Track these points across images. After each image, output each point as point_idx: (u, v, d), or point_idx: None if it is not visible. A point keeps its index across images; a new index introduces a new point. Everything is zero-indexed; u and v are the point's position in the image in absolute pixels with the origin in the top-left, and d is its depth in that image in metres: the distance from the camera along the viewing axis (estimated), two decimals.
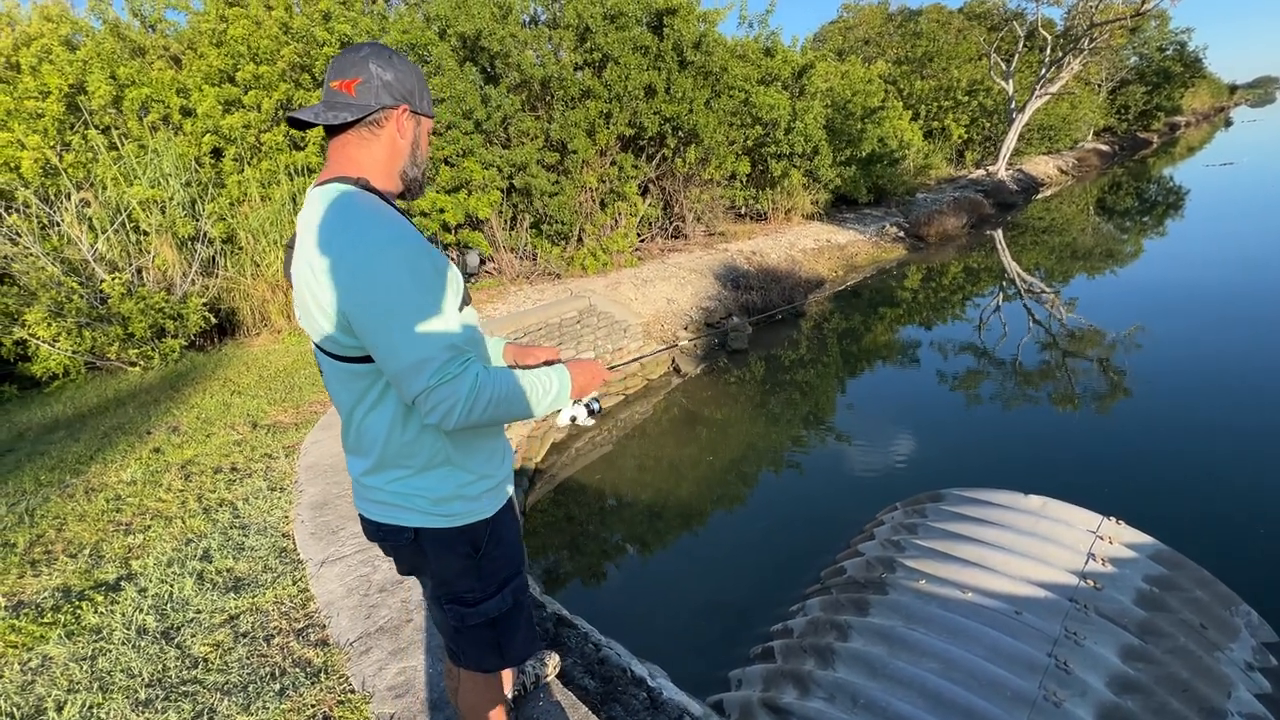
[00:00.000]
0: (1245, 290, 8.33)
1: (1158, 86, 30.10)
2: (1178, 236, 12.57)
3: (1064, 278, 10.33)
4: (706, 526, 4.33)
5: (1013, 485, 3.17)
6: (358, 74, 1.05)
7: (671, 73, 9.01)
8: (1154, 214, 15.37)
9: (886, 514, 3.36)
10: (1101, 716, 1.93)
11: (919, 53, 18.19)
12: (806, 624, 2.62)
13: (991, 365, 6.74)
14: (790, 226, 11.95)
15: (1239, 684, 2.13)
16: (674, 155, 9.50)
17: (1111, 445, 4.71)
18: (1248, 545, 3.25)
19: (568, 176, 8.52)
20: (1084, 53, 17.41)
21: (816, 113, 11.47)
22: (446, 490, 1.11)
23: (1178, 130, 42.16)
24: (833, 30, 21.22)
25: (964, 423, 5.55)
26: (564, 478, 5.04)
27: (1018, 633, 2.22)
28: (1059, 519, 2.75)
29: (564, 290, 7.46)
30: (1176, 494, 3.87)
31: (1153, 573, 2.46)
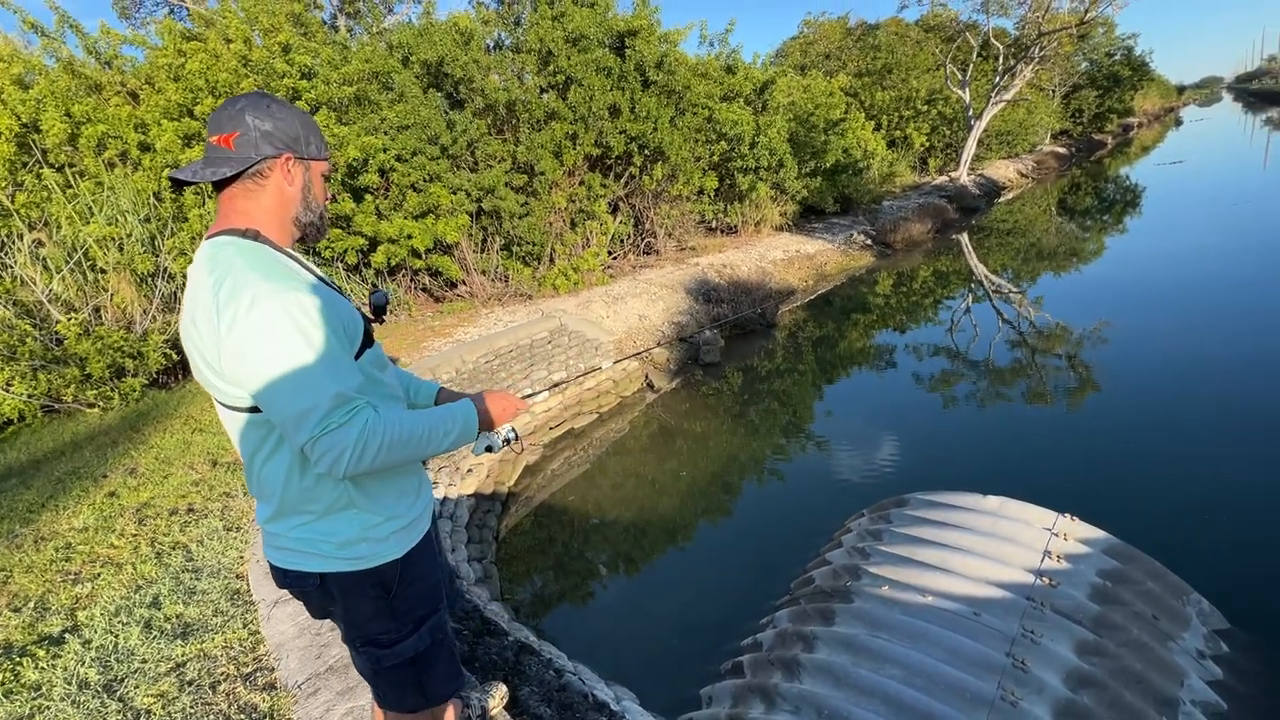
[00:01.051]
0: (1198, 284, 8.60)
1: (1109, 90, 31.18)
2: (1135, 233, 12.96)
3: (1030, 277, 10.58)
4: (683, 542, 4.32)
5: (976, 486, 3.22)
6: (234, 127, 1.05)
7: (635, 93, 9.13)
8: (1112, 212, 15.85)
9: (854, 521, 3.38)
10: (1058, 714, 1.96)
11: (878, 65, 18.67)
12: (775, 636, 2.62)
13: (963, 366, 6.85)
14: (760, 238, 12.11)
15: (1191, 673, 2.17)
16: (641, 173, 9.60)
17: (1070, 441, 4.81)
18: (1198, 534, 3.33)
19: (536, 198, 8.56)
20: (1035, 60, 18.01)
21: (780, 127, 11.69)
22: (351, 533, 1.11)
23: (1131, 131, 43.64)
24: (793, 46, 21.71)
25: (934, 424, 5.63)
26: (541, 499, 5.01)
27: (977, 634, 2.24)
28: (1016, 518, 2.79)
29: (535, 311, 7.47)
30: (1130, 487, 3.96)
31: (1106, 567, 2.50)
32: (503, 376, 5.85)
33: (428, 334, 6.82)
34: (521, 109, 8.45)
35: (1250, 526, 3.41)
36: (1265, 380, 5.28)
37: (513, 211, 8.18)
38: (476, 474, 4.60)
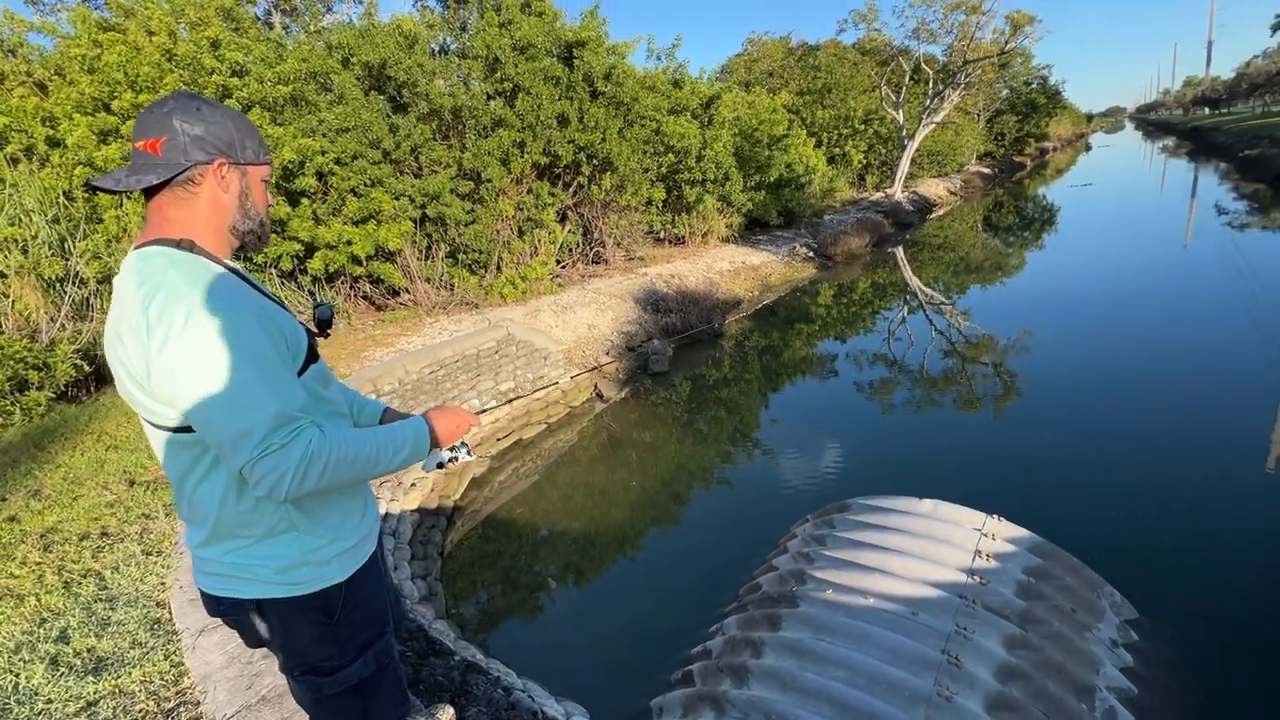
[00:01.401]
0: (1107, 297, 9.30)
1: (1027, 116, 33.46)
2: (1052, 250, 13.90)
3: (959, 290, 11.17)
4: (633, 552, 4.32)
5: (913, 489, 3.36)
6: (161, 132, 1.00)
7: (584, 103, 9.16)
8: (1032, 230, 16.95)
9: (799, 527, 3.47)
10: (989, 706, 2.06)
11: (819, 84, 19.40)
12: (724, 643, 2.65)
13: (900, 374, 7.15)
14: (707, 249, 12.32)
15: (1106, 661, 2.33)
16: (590, 182, 9.62)
17: (996, 445, 5.10)
18: (1110, 531, 3.58)
19: (483, 205, 8.44)
20: (962, 86, 19.14)
21: (725, 141, 11.96)
22: (292, 557, 1.06)
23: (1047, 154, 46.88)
24: (738, 63, 22.30)
25: (875, 430, 5.85)
26: (488, 512, 4.90)
27: (914, 633, 2.34)
28: (949, 520, 2.93)
29: (482, 320, 7.34)
30: (1050, 487, 4.22)
31: (1030, 564, 2.66)
32: (448, 387, 5.72)
33: (369, 343, 6.59)
34: (468, 115, 8.33)
35: (1154, 522, 3.70)
36: (1166, 386, 5.75)
37: (459, 219, 8.04)
38: (420, 488, 4.47)
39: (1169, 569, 3.22)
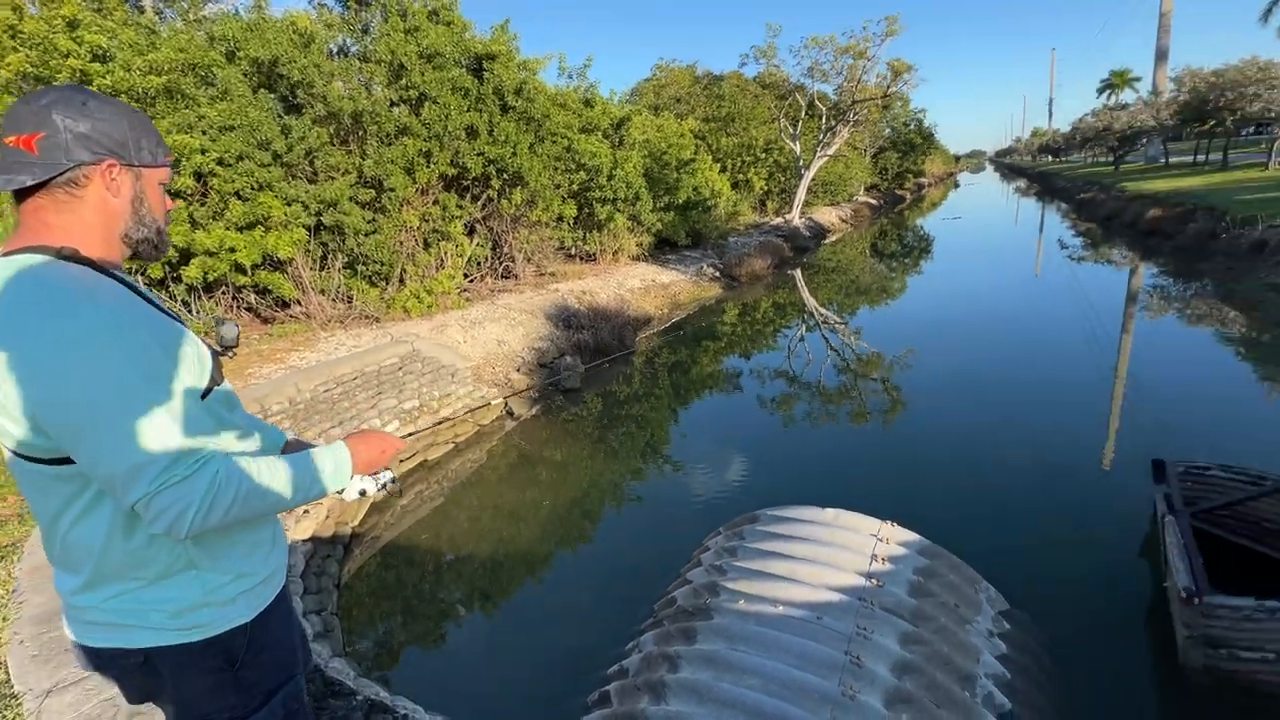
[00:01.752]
0: (973, 318, 10.35)
1: (906, 153, 36.90)
2: (929, 274, 15.29)
3: (851, 310, 11.99)
4: (545, 573, 4.23)
5: (816, 499, 3.54)
6: (39, 127, 0.88)
7: (494, 116, 9.05)
8: (912, 256, 18.59)
9: (711, 539, 3.55)
10: (887, 700, 2.20)
11: (723, 113, 20.32)
12: (641, 661, 2.66)
13: (800, 389, 7.54)
14: (618, 267, 12.47)
15: (984, 650, 2.56)
16: (500, 196, 9.47)
17: (888, 454, 5.50)
18: (983, 528, 3.97)
19: (386, 215, 8.08)
20: (850, 123, 20.76)
21: (636, 162, 12.22)
22: (192, 598, 0.95)
23: (923, 189, 51.75)
24: (647, 87, 22.93)
25: (779, 443, 6.12)
26: (389, 539, 4.63)
27: (820, 636, 2.46)
28: (849, 527, 3.13)
29: (384, 335, 6.98)
30: (934, 492, 4.62)
31: (919, 565, 2.89)
32: (345, 407, 5.38)
33: (254, 359, 6.07)
34: (370, 121, 7.97)
35: (1017, 519, 4.14)
36: (1023, 398, 6.46)
37: (358, 228, 7.64)
38: (315, 515, 4.15)
39: (1032, 563, 3.60)
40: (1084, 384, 6.82)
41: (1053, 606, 3.13)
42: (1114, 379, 6.89)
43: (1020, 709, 2.40)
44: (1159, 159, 31.99)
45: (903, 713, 2.17)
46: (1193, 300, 9.81)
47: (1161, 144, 30.89)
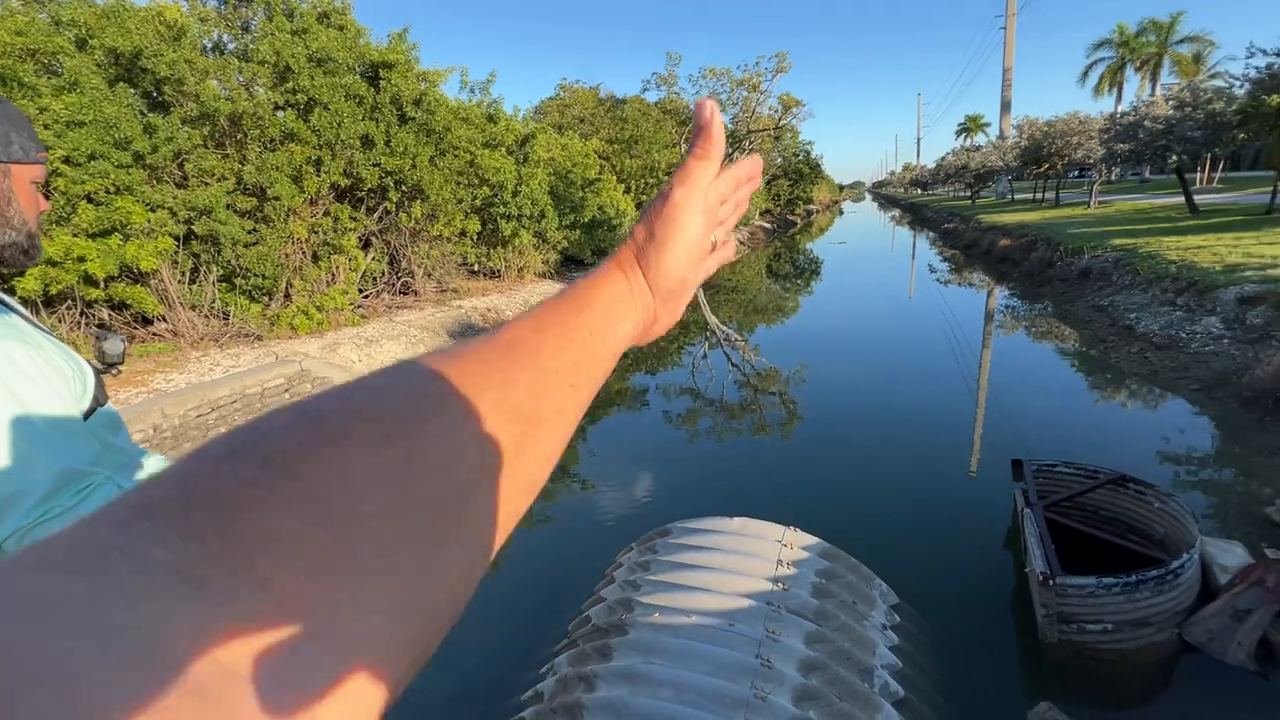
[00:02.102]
0: (857, 334, 11.20)
1: (797, 181, 39.56)
2: (819, 294, 16.37)
3: (750, 328, 12.57)
4: None
5: (724, 509, 3.67)
6: None
7: (391, 126, 8.71)
8: (803, 277, 19.83)
9: (624, 555, 3.56)
10: (796, 699, 2.31)
11: (626, 135, 20.79)
12: (556, 683, 2.61)
13: (704, 405, 7.77)
14: (524, 284, 12.32)
15: (880, 643, 2.76)
16: (398, 209, 9.10)
17: (788, 463, 5.80)
18: (874, 529, 4.28)
19: (269, 225, 7.51)
20: (746, 151, 21.97)
21: (541, 179, 12.20)
22: None
23: (812, 215, 55.55)
24: (551, 106, 23.02)
25: (687, 456, 6.26)
26: None
27: (731, 643, 2.53)
28: (755, 534, 3.26)
29: (267, 354, 6.45)
30: (832, 496, 4.93)
31: (820, 566, 3.06)
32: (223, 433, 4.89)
33: (109, 382, 5.39)
34: (251, 124, 7.41)
35: (902, 518, 4.50)
36: (902, 407, 7.06)
37: (237, 238, 7.04)
38: None
39: (920, 558, 3.92)
40: (953, 393, 7.56)
41: (934, 597, 3.42)
42: (977, 389, 7.69)
43: (910, 694, 2.59)
44: (1006, 195, 36.41)
45: (810, 709, 2.28)
46: (1036, 319, 11.19)
47: (1008, 182, 35.21)
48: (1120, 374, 7.45)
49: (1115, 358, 7.98)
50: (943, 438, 6.10)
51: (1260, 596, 2.74)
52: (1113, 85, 39.26)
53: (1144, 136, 15.48)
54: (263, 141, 7.59)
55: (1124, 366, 7.61)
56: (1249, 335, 6.84)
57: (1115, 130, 17.10)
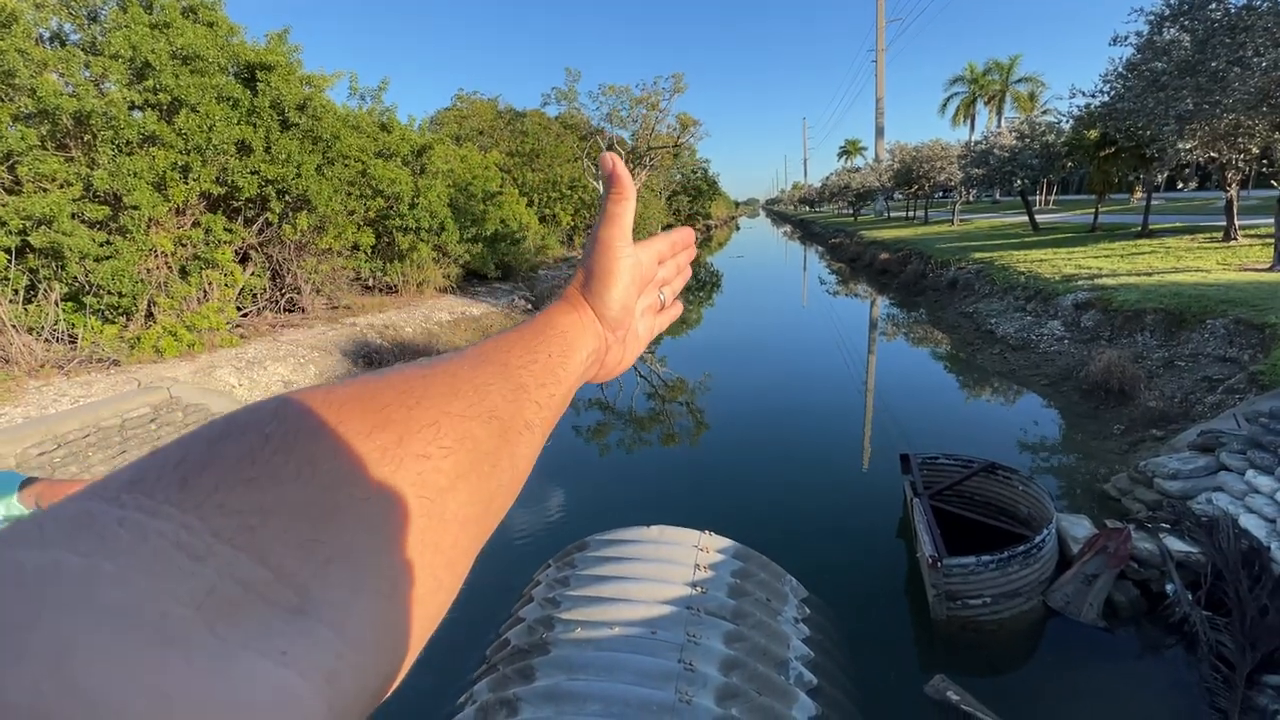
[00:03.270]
0: (756, 342, 11.74)
1: (695, 198, 41.01)
2: (720, 305, 17.00)
3: (657, 340, 12.79)
4: None
5: (640, 518, 3.70)
6: None
7: (271, 131, 8.12)
8: (705, 289, 20.52)
9: (541, 573, 3.50)
10: (719, 698, 2.36)
11: (527, 148, 20.65)
12: (476, 712, 2.50)
13: (614, 417, 7.81)
14: (424, 299, 11.83)
15: (793, 636, 2.89)
16: (281, 220, 8.46)
17: (698, 469, 5.95)
18: (782, 527, 4.49)
19: (126, 237, 6.73)
20: (647, 167, 22.49)
21: (440, 191, 11.82)
22: None
23: (711, 230, 57.66)
24: (448, 116, 22.42)
25: (600, 469, 6.25)
26: None
27: (655, 650, 2.56)
28: (672, 541, 3.32)
29: (128, 380, 5.75)
30: (740, 498, 5.11)
31: (735, 568, 3.17)
32: (74, 471, 4.30)
33: None
34: (101, 124, 6.64)
35: (806, 516, 4.75)
36: (801, 409, 7.48)
37: (86, 251, 6.26)
38: None
39: (826, 554, 4.15)
40: (844, 395, 8.11)
41: (839, 587, 3.64)
42: (865, 390, 8.30)
43: (823, 681, 2.74)
44: (884, 212, 39.78)
45: (732, 707, 2.35)
46: (914, 325, 12.26)
47: (884, 201, 38.45)
48: (985, 373, 8.32)
49: (980, 358, 8.90)
50: (838, 436, 6.52)
51: (1104, 562, 3.16)
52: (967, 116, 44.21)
53: (994, 163, 17.53)
54: (117, 144, 6.79)
55: (988, 366, 8.51)
56: (1083, 336, 7.89)
57: (970, 156, 19.23)
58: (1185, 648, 3.00)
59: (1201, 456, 4.05)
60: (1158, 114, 8.61)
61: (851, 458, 5.98)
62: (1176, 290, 7.57)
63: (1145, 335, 6.97)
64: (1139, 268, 9.83)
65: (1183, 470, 3.98)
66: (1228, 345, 5.98)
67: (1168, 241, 12.66)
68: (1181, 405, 5.49)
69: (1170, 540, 3.39)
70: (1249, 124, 8.21)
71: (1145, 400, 5.81)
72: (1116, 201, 27.56)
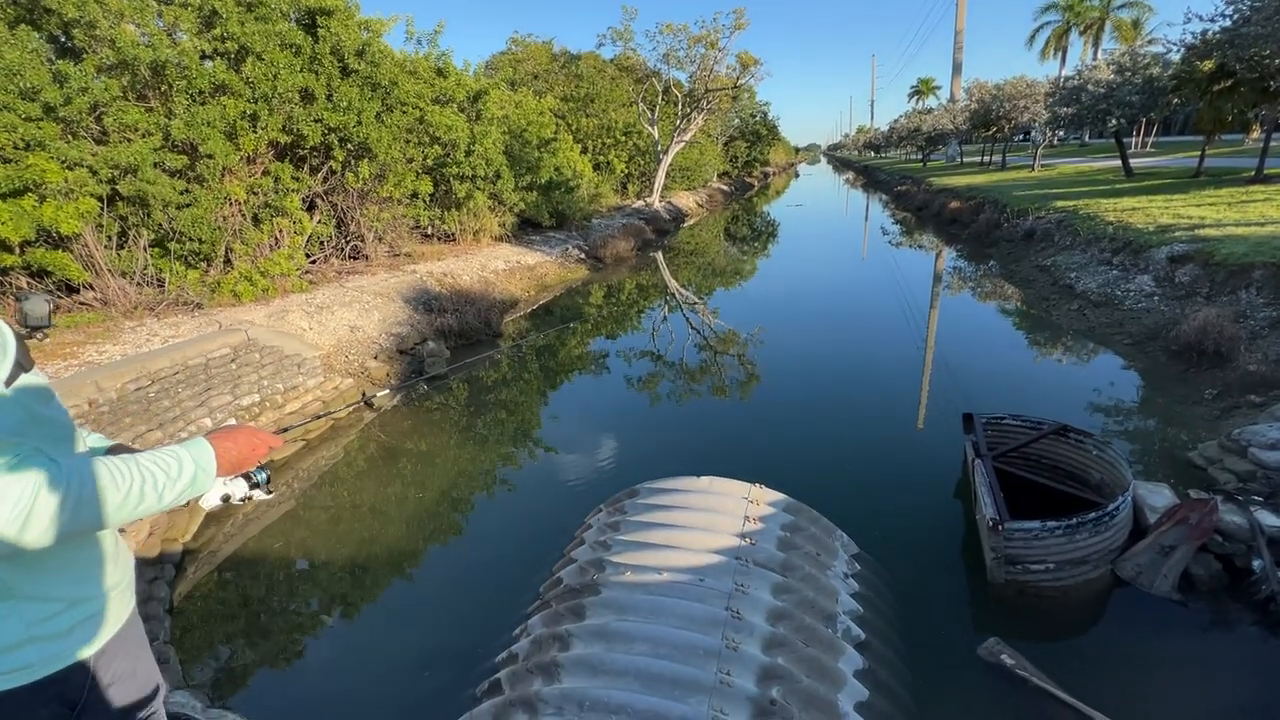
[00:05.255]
0: (813, 296, 11.39)
1: (754, 143, 39.34)
2: (776, 257, 16.51)
3: (709, 291, 12.61)
4: (420, 569, 4.02)
5: (690, 469, 3.72)
6: None
7: (333, 79, 8.21)
8: (760, 240, 19.92)
9: (593, 517, 3.59)
10: (765, 646, 2.40)
11: (582, 93, 20.17)
12: (530, 644, 2.64)
13: (666, 368, 7.82)
14: (480, 248, 11.98)
15: (842, 591, 2.88)
16: (344, 169, 8.65)
17: (749, 422, 5.91)
18: (834, 483, 4.43)
19: (203, 185, 7.04)
20: (704, 111, 21.63)
21: (495, 138, 11.76)
22: (11, 635, 0.77)
23: (769, 177, 55.55)
24: (503, 61, 22.07)
25: (651, 419, 6.31)
26: (231, 552, 4.12)
27: (703, 597, 2.61)
28: (722, 493, 3.33)
29: (209, 323, 6.12)
30: (794, 454, 5.06)
31: (785, 521, 3.16)
32: (166, 406, 4.66)
33: (35, 354, 5.02)
34: (175, 74, 6.86)
35: (860, 473, 4.67)
36: (856, 367, 7.27)
37: (168, 199, 6.59)
38: (134, 532, 3.57)
39: (877, 511, 4.09)
40: (904, 351, 7.82)
41: (892, 545, 3.59)
42: (925, 348, 7.96)
43: (871, 637, 2.73)
44: (956, 158, 37.17)
45: (778, 656, 2.38)
46: (984, 279, 11.59)
47: (958, 145, 35.89)
48: (1060, 330, 7.82)
49: (1056, 315, 8.36)
50: (896, 393, 6.32)
51: (1184, 534, 2.98)
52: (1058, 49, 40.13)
53: (1086, 100, 15.95)
54: (190, 94, 7.03)
55: (1064, 323, 7.99)
56: (1177, 292, 7.27)
57: (1060, 94, 17.56)
58: (1268, 627, 2.82)
59: None
60: None
61: (908, 416, 5.80)
62: None
63: (1250, 292, 6.35)
64: (1249, 217, 8.88)
65: None
66: None
67: None
68: None
69: (1263, 514, 3.16)
70: None
71: (1245, 363, 5.34)
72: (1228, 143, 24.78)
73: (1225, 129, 14.33)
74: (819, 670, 2.39)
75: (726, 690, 2.17)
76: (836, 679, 2.39)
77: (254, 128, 7.42)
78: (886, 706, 2.43)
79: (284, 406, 5.46)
